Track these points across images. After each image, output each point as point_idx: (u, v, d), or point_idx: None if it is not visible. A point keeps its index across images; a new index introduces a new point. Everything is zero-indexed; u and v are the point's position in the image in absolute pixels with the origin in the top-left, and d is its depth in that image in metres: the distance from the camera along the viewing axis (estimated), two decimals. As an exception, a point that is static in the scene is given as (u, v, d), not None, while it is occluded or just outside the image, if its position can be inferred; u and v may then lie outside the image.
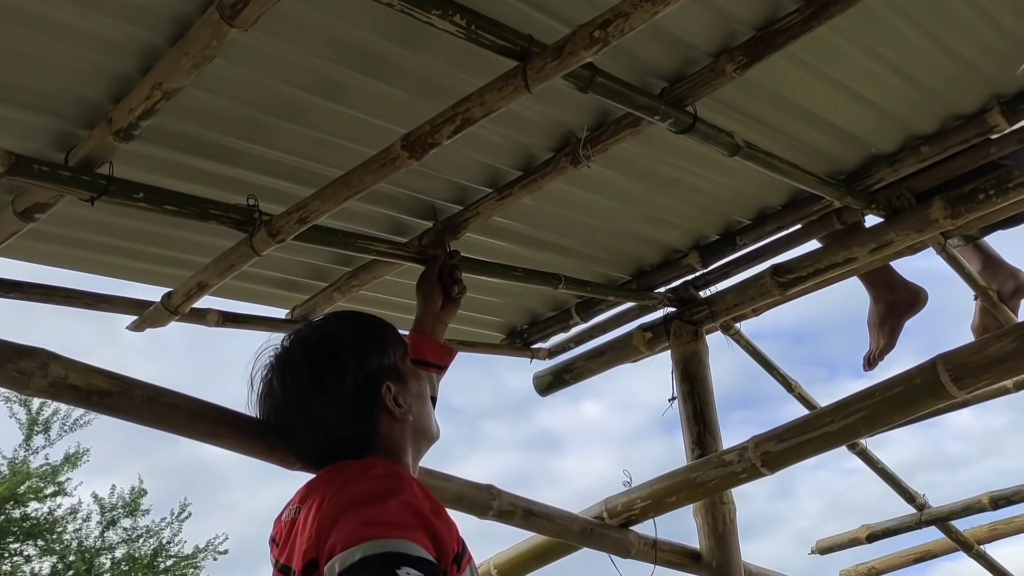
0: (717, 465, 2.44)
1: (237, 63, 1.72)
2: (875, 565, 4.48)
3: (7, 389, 1.72)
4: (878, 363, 3.29)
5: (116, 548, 14.79)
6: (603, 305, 3.09)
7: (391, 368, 1.60)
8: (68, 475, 14.48)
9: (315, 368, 1.55)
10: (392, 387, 1.57)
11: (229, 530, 20.69)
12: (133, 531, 14.91)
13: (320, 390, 1.53)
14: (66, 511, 14.58)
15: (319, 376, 1.54)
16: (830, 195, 2.43)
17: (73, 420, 14.60)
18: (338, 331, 1.64)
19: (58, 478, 14.36)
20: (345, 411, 1.52)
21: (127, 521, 14.94)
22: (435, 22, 1.53)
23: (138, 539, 14.88)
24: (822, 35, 1.86)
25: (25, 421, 14.33)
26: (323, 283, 2.65)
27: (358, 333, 1.63)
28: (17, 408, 14.30)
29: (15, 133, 1.79)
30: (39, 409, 14.38)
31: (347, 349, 1.57)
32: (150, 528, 14.97)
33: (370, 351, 1.59)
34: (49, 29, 1.57)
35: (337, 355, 1.56)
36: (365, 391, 1.54)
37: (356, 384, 1.54)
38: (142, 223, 2.18)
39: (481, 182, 2.28)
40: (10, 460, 14.19)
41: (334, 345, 1.59)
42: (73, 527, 14.63)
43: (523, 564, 2.75)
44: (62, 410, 14.53)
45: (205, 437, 1.81)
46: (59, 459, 14.45)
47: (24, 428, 14.34)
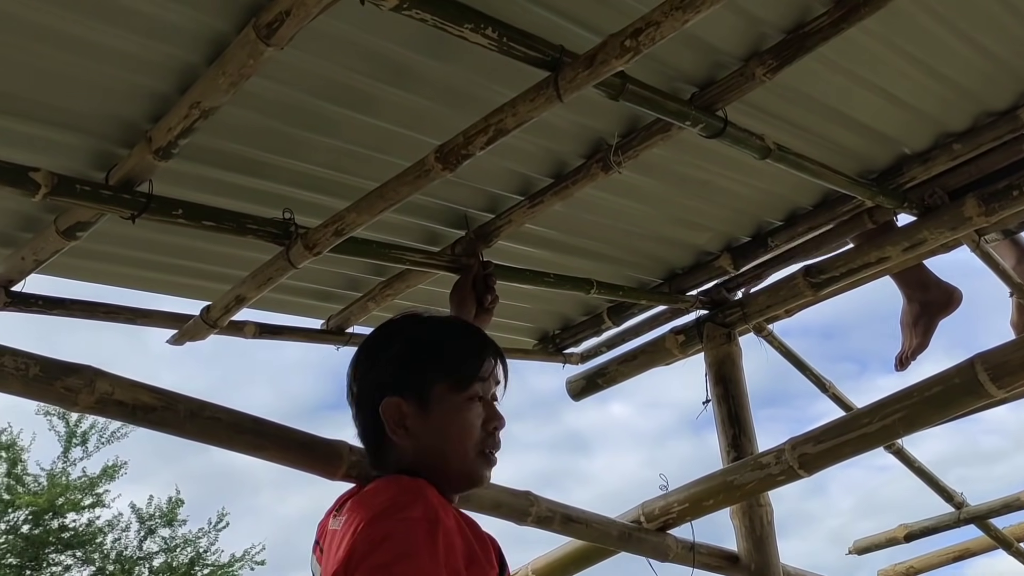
0: (754, 468, 2.43)
1: (271, 79, 1.75)
2: (913, 564, 4.44)
3: (56, 406, 1.75)
4: (911, 363, 3.27)
5: (154, 557, 14.93)
6: (635, 309, 3.10)
7: (414, 386, 1.51)
8: (106, 487, 14.63)
9: (355, 363, 1.62)
10: (404, 405, 1.49)
11: (260, 536, 20.86)
12: (171, 540, 15.04)
13: (351, 393, 1.60)
14: (104, 523, 14.74)
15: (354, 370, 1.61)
16: (862, 195, 2.43)
17: (110, 433, 14.78)
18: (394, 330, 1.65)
19: (96, 490, 14.51)
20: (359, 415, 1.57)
21: (165, 530, 15.07)
22: (467, 35, 1.55)
23: (175, 548, 15.00)
24: (852, 36, 1.86)
25: (64, 434, 14.50)
26: (357, 293, 2.67)
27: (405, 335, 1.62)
28: (56, 421, 14.49)
29: (57, 154, 1.82)
30: (77, 422, 14.55)
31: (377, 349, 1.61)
32: (187, 537, 15.09)
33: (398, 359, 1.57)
34: (90, 51, 1.60)
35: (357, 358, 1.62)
36: (366, 399, 1.56)
37: (366, 387, 1.57)
38: (180, 239, 2.21)
39: (513, 190, 2.29)
40: (48, 472, 14.36)
41: (372, 343, 1.64)
42: (112, 537, 14.80)
43: (561, 569, 2.75)
44: (100, 423, 14.73)
45: (247, 449, 1.84)
46: (97, 471, 14.61)
47: (63, 441, 14.51)
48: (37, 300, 2.23)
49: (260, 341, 2.66)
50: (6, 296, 2.17)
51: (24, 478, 14.14)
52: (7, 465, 14.09)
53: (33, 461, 14.43)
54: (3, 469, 14.09)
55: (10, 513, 13.94)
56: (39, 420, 14.92)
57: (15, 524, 14.01)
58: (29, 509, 13.81)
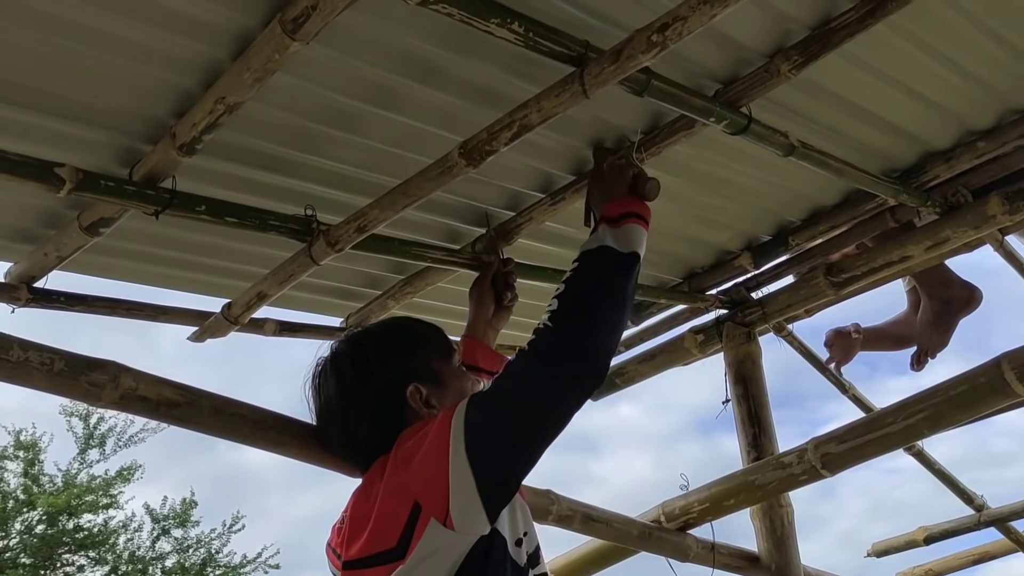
0: (776, 467, 2.42)
1: (295, 75, 1.74)
2: (932, 567, 4.40)
3: (80, 401, 1.75)
4: (928, 362, 3.24)
5: (167, 558, 14.96)
6: (654, 308, 3.09)
7: (422, 369, 1.60)
8: (121, 488, 14.68)
9: (341, 375, 1.61)
10: (423, 388, 1.57)
11: (270, 537, 20.88)
12: (184, 541, 15.07)
13: (345, 396, 1.59)
14: (118, 523, 14.79)
15: (344, 382, 1.60)
16: (885, 193, 2.41)
17: (128, 437, 14.83)
18: (365, 337, 1.68)
19: (111, 491, 14.55)
20: (370, 415, 1.56)
21: (178, 531, 15.11)
22: (494, 30, 1.55)
23: (188, 549, 15.03)
24: (878, 32, 1.85)
25: (82, 436, 14.55)
26: (377, 291, 2.67)
27: (385, 336, 1.66)
28: (76, 422, 14.55)
29: (81, 150, 1.82)
30: (96, 424, 14.62)
31: (370, 354, 1.60)
32: (200, 538, 15.12)
33: (395, 352, 1.61)
34: (114, 46, 1.60)
35: (360, 360, 1.60)
36: (389, 394, 1.56)
37: (379, 388, 1.57)
38: (202, 236, 2.21)
39: (534, 188, 2.29)
40: (65, 473, 14.42)
41: (359, 349, 1.63)
42: (125, 537, 14.84)
43: (582, 568, 2.74)
44: (118, 426, 14.77)
45: (270, 446, 1.84)
46: (112, 473, 14.65)
47: (80, 442, 14.57)
48: (59, 296, 2.24)
49: (269, 343, 2.66)
50: (28, 292, 2.18)
51: (40, 478, 14.19)
52: (25, 465, 14.15)
53: (50, 462, 14.51)
54: (20, 469, 14.15)
55: (26, 513, 14.00)
56: (58, 421, 14.96)
57: (30, 524, 14.06)
58: (45, 509, 13.86)
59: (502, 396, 1.41)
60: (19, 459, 14.15)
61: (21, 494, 13.98)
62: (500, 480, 1.37)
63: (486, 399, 1.42)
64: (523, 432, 1.39)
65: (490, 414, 1.38)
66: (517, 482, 1.41)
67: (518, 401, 1.39)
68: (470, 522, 1.33)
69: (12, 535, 13.94)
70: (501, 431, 1.37)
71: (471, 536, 1.34)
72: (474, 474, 1.32)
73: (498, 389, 1.42)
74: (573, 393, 1.42)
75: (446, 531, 1.32)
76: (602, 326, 1.44)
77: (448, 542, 1.33)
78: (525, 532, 1.46)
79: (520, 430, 1.39)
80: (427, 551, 1.32)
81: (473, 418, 1.37)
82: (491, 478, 1.34)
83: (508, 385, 1.42)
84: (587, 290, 1.50)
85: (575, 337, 1.42)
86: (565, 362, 1.41)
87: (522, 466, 1.40)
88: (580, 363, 1.41)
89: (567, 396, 1.41)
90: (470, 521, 1.33)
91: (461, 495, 1.32)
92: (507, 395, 1.41)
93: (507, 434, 1.38)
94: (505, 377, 1.43)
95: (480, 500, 1.33)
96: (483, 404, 1.40)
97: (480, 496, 1.33)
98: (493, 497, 1.35)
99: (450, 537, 1.33)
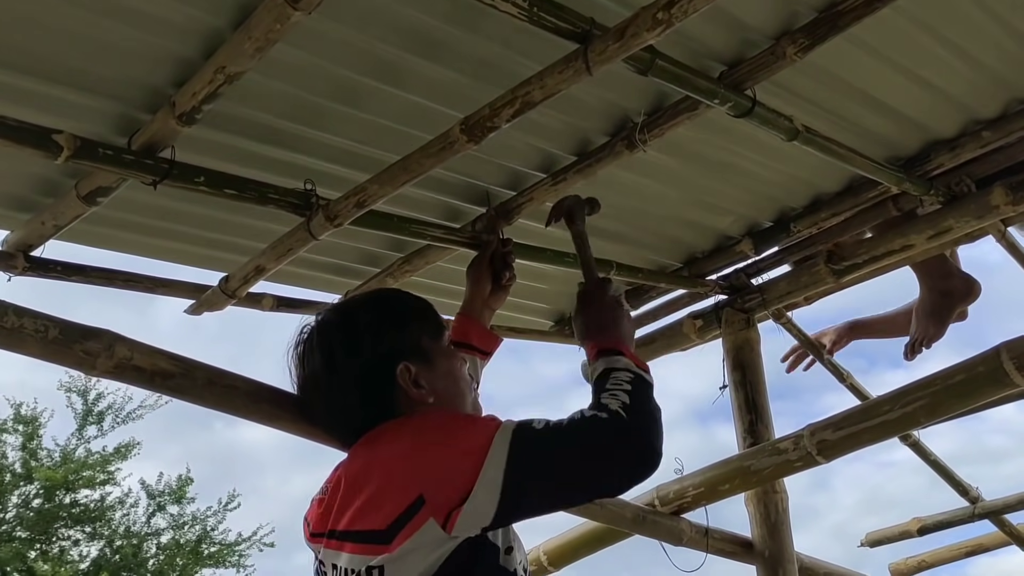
0: (772, 453, 2.41)
1: (296, 47, 1.73)
2: (925, 559, 4.41)
3: (74, 370, 1.74)
4: (921, 352, 3.23)
5: (162, 534, 15.02)
6: (654, 292, 3.08)
7: (412, 347, 1.58)
8: (118, 465, 14.72)
9: (329, 348, 1.58)
10: (412, 367, 1.55)
11: (264, 515, 20.94)
12: (179, 518, 15.12)
13: (332, 370, 1.56)
14: (114, 499, 14.84)
15: (332, 356, 1.57)
16: (888, 181, 2.40)
17: (126, 414, 14.86)
18: (357, 310, 1.65)
19: (108, 467, 14.59)
20: (357, 391, 1.54)
21: (173, 508, 15.16)
22: (498, 4, 1.53)
23: (183, 526, 15.09)
24: (885, 16, 1.83)
25: (80, 411, 14.58)
26: (376, 269, 2.66)
27: (376, 312, 1.63)
28: (75, 398, 14.58)
29: (79, 117, 1.81)
30: (95, 400, 14.65)
31: (362, 328, 1.58)
32: (196, 515, 15.17)
33: (387, 329, 1.59)
34: (115, 12, 1.59)
35: (351, 335, 1.57)
36: (378, 371, 1.54)
37: (368, 364, 1.54)
38: (200, 208, 2.20)
39: (535, 167, 2.28)
40: (63, 448, 14.46)
41: (349, 325, 1.60)
42: (121, 513, 14.89)
43: (574, 550, 2.74)
44: (116, 403, 14.80)
45: (264, 419, 1.83)
46: (110, 450, 14.69)
47: (79, 418, 14.59)
48: (56, 266, 2.23)
49: (267, 322, 2.66)
50: (25, 261, 2.17)
51: (39, 453, 14.24)
52: (23, 439, 14.19)
53: (49, 436, 14.55)
54: (19, 443, 14.19)
55: (23, 487, 14.04)
56: (56, 396, 14.97)
57: (27, 498, 14.12)
58: (43, 483, 13.91)
59: (560, 443, 1.38)
60: (18, 433, 14.20)
61: (19, 468, 14.02)
62: (517, 511, 1.37)
63: (544, 436, 1.38)
64: (562, 487, 1.40)
65: (542, 455, 1.37)
66: (527, 516, 1.41)
67: (573, 458, 1.38)
68: (467, 531, 1.33)
69: (9, 508, 14.00)
70: (544, 474, 1.37)
71: (457, 540, 1.34)
72: (501, 496, 1.31)
73: (560, 434, 1.38)
74: (619, 481, 1.42)
75: (439, 531, 1.31)
76: (660, 436, 1.45)
77: (436, 539, 1.32)
78: (515, 539, 1.45)
79: (561, 484, 1.39)
80: (416, 544, 1.32)
81: (523, 447, 1.35)
82: (512, 506, 1.33)
83: (570, 438, 1.38)
84: (652, 404, 1.49)
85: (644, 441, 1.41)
86: (630, 454, 1.40)
87: (540, 509, 1.42)
88: (641, 462, 1.41)
89: (614, 480, 1.42)
90: (468, 530, 1.33)
91: (477, 508, 1.32)
92: (565, 446, 1.38)
93: (548, 481, 1.38)
94: (570, 429, 1.39)
95: (492, 517, 1.33)
96: (538, 441, 1.38)
97: (495, 515, 1.32)
98: (503, 519, 1.35)
99: (439, 537, 1.32)
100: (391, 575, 1.33)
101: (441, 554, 1.33)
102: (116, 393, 14.68)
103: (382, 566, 1.34)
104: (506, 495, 1.31)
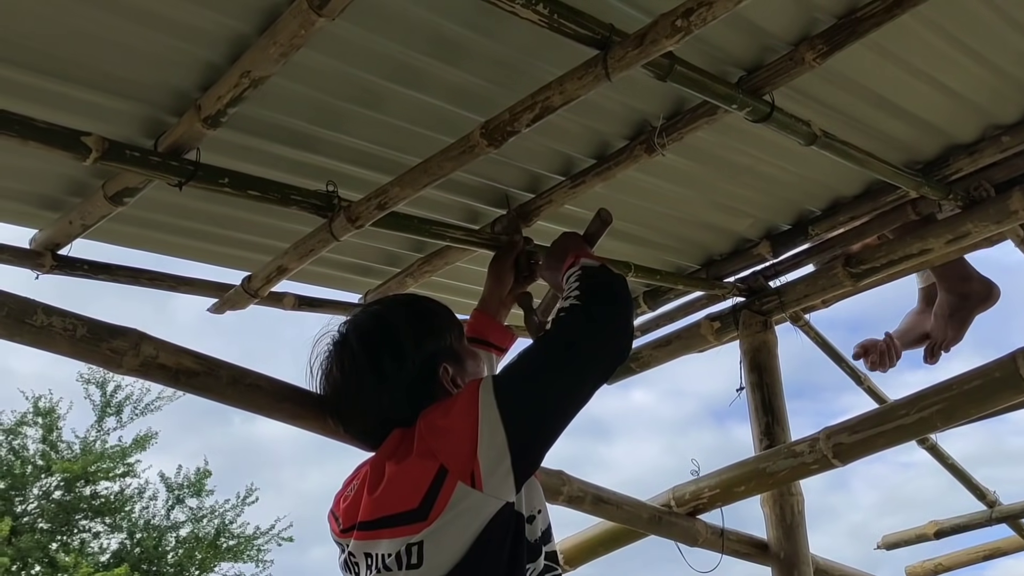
0: (787, 456, 2.42)
1: (319, 51, 1.75)
2: (942, 562, 4.40)
3: (101, 368, 1.78)
4: (941, 355, 3.23)
5: (181, 527, 15.13)
6: (671, 294, 3.09)
7: (448, 349, 1.64)
8: (137, 457, 14.83)
9: (373, 353, 1.60)
10: (450, 368, 1.61)
11: (280, 509, 21.01)
12: (198, 511, 15.22)
13: (378, 374, 1.58)
14: (134, 491, 14.96)
15: (378, 360, 1.59)
16: (906, 185, 2.40)
17: (144, 405, 14.97)
18: (395, 316, 1.67)
19: (127, 459, 14.71)
20: (403, 392, 1.57)
21: (192, 501, 15.27)
22: (518, 11, 1.55)
23: (202, 519, 15.19)
24: (904, 23, 1.84)
25: (99, 403, 14.70)
26: (396, 269, 2.69)
27: (414, 317, 1.66)
28: (93, 390, 14.71)
29: (107, 120, 1.84)
30: (113, 392, 14.77)
31: (405, 334, 1.61)
32: (214, 509, 15.27)
33: (426, 334, 1.63)
34: (144, 18, 1.62)
35: (395, 340, 1.60)
36: (424, 373, 1.58)
37: (414, 367, 1.58)
38: (223, 208, 2.23)
39: (555, 170, 2.29)
40: (82, 440, 14.58)
41: (392, 330, 1.62)
42: (140, 505, 15.02)
43: (590, 550, 2.76)
44: (134, 394, 14.91)
45: (287, 418, 1.86)
46: (129, 441, 14.80)
47: (97, 410, 14.72)
48: (83, 264, 2.27)
49: (283, 318, 2.69)
50: (53, 259, 2.21)
51: (58, 445, 14.36)
52: (43, 431, 14.32)
53: (68, 428, 14.67)
54: (39, 435, 14.32)
55: (44, 479, 14.18)
56: (74, 388, 15.10)
57: (48, 490, 14.25)
58: (62, 475, 14.04)
59: (534, 364, 1.49)
60: (38, 425, 14.32)
61: (39, 460, 14.15)
62: (530, 441, 1.42)
63: (517, 366, 1.49)
64: (553, 398, 1.46)
65: (523, 379, 1.47)
66: (544, 446, 1.45)
67: (550, 369, 1.46)
68: (497, 482, 1.36)
69: (31, 500, 14.14)
70: (532, 394, 1.44)
71: (496, 500, 1.37)
72: (505, 430, 1.37)
73: (529, 357, 1.50)
74: (601, 364, 1.51)
75: (472, 492, 1.35)
76: (623, 304, 1.57)
77: (473, 505, 1.36)
78: (539, 510, 1.49)
79: (550, 396, 1.46)
80: (453, 514, 1.35)
81: (505, 382, 1.45)
82: (521, 437, 1.38)
83: (540, 355, 1.50)
84: (603, 281, 1.62)
85: (603, 314, 1.53)
86: (594, 334, 1.50)
87: (550, 431, 1.46)
88: (608, 337, 1.52)
89: (595, 366, 1.50)
90: (497, 481, 1.36)
91: (491, 452, 1.36)
92: (539, 363, 1.48)
93: (538, 398, 1.44)
94: (536, 348, 1.53)
95: (509, 458, 1.37)
96: (514, 370, 1.49)
97: (510, 453, 1.37)
98: (521, 457, 1.39)
99: (476, 499, 1.36)
100: (430, 550, 1.37)
101: (480, 525, 1.36)
102: (134, 385, 14.83)
103: (421, 542, 1.37)
104: (509, 425, 1.37)
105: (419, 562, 1.37)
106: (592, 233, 1.96)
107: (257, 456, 22.81)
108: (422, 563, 1.37)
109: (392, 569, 1.39)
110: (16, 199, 2.11)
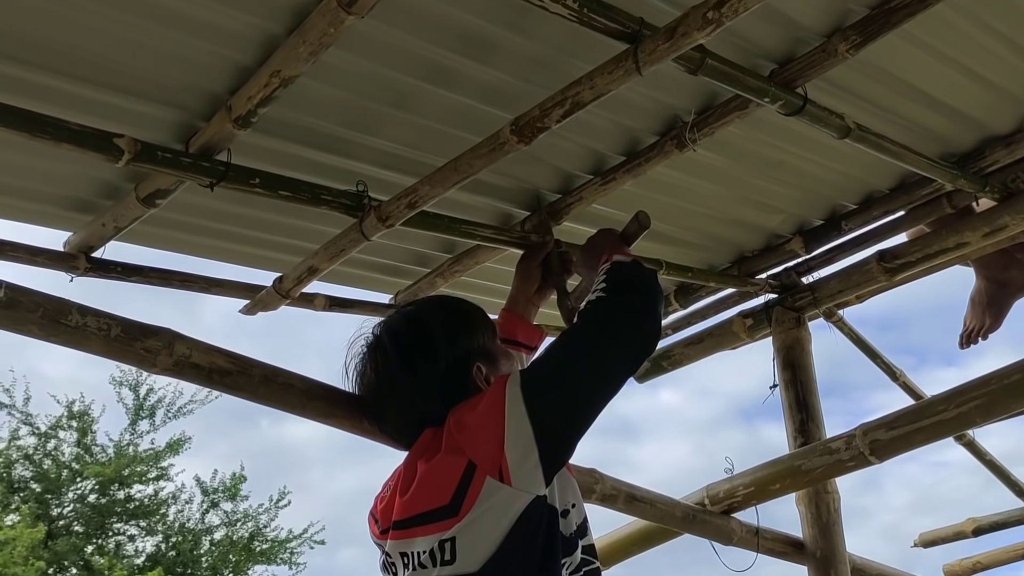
0: (823, 453, 2.40)
1: (348, 51, 1.75)
2: (980, 560, 4.34)
3: (135, 367, 1.79)
4: (977, 342, 3.19)
5: (215, 530, 15.23)
6: (703, 291, 3.07)
7: (481, 349, 1.65)
8: (171, 460, 14.95)
9: (408, 353, 1.61)
10: (483, 367, 1.61)
11: (311, 512, 21.08)
12: (233, 515, 15.33)
13: (412, 374, 1.59)
14: (168, 495, 15.08)
15: (412, 361, 1.60)
16: (942, 178, 2.37)
17: (177, 408, 15.08)
18: (428, 316, 1.68)
19: (160, 463, 14.83)
20: (436, 391, 1.57)
21: (227, 504, 15.37)
22: (548, 6, 1.54)
23: (236, 523, 15.29)
24: (939, 12, 1.81)
25: (132, 406, 14.83)
26: (426, 269, 2.69)
27: (447, 317, 1.67)
28: (126, 392, 14.83)
29: (140, 123, 1.85)
30: (146, 395, 14.90)
31: (438, 333, 1.62)
32: (248, 512, 15.36)
33: (460, 334, 1.64)
34: (173, 21, 1.62)
35: (428, 340, 1.61)
36: (457, 372, 1.59)
37: (448, 366, 1.59)
38: (254, 210, 2.24)
39: (585, 168, 2.28)
40: (116, 443, 14.72)
41: (425, 330, 1.64)
42: (175, 509, 15.14)
43: (624, 548, 2.74)
44: (167, 397, 15.04)
45: (319, 416, 1.86)
46: (162, 445, 14.92)
47: (130, 413, 14.85)
48: (116, 266, 2.28)
49: (310, 319, 2.71)
50: (87, 262, 2.22)
51: (92, 448, 14.51)
52: (78, 435, 14.47)
53: (102, 432, 14.81)
54: (74, 439, 14.48)
55: (79, 482, 14.32)
56: (107, 391, 15.23)
57: (83, 493, 14.40)
58: (97, 479, 14.18)
59: (559, 358, 1.49)
60: (72, 429, 14.47)
61: (74, 464, 14.30)
62: (557, 434, 1.41)
63: (543, 360, 1.52)
64: (580, 391, 1.46)
65: (549, 373, 1.47)
66: (572, 439, 1.45)
67: (576, 362, 1.47)
68: (525, 476, 1.36)
69: (66, 504, 14.29)
70: (559, 388, 1.44)
71: (526, 494, 1.37)
72: (532, 424, 1.37)
73: (555, 352, 1.50)
74: (628, 356, 1.51)
75: (502, 487, 1.36)
76: (650, 295, 1.57)
77: (503, 499, 1.36)
78: (573, 504, 1.49)
79: (577, 389, 1.45)
80: (483, 508, 1.36)
81: (531, 376, 1.45)
82: (548, 430, 1.38)
83: (565, 348, 1.50)
84: (630, 274, 1.62)
85: (629, 306, 1.53)
86: (620, 326, 1.50)
87: (577, 424, 1.45)
88: (634, 328, 1.52)
89: (621, 358, 1.50)
90: (526, 475, 1.36)
91: (518, 446, 1.36)
92: (564, 357, 1.49)
93: (564, 391, 1.44)
94: (562, 342, 1.51)
95: (537, 451, 1.37)
96: (540, 365, 1.51)
97: (538, 447, 1.37)
98: (549, 450, 1.38)
99: (505, 494, 1.36)
100: (462, 545, 1.37)
101: (511, 519, 1.36)
102: (166, 388, 14.94)
103: (453, 538, 1.38)
104: (535, 419, 1.38)
105: (452, 558, 1.37)
106: (630, 234, 1.94)
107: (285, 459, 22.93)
108: (455, 559, 1.37)
109: (427, 567, 1.40)
110: (50, 203, 2.12)
